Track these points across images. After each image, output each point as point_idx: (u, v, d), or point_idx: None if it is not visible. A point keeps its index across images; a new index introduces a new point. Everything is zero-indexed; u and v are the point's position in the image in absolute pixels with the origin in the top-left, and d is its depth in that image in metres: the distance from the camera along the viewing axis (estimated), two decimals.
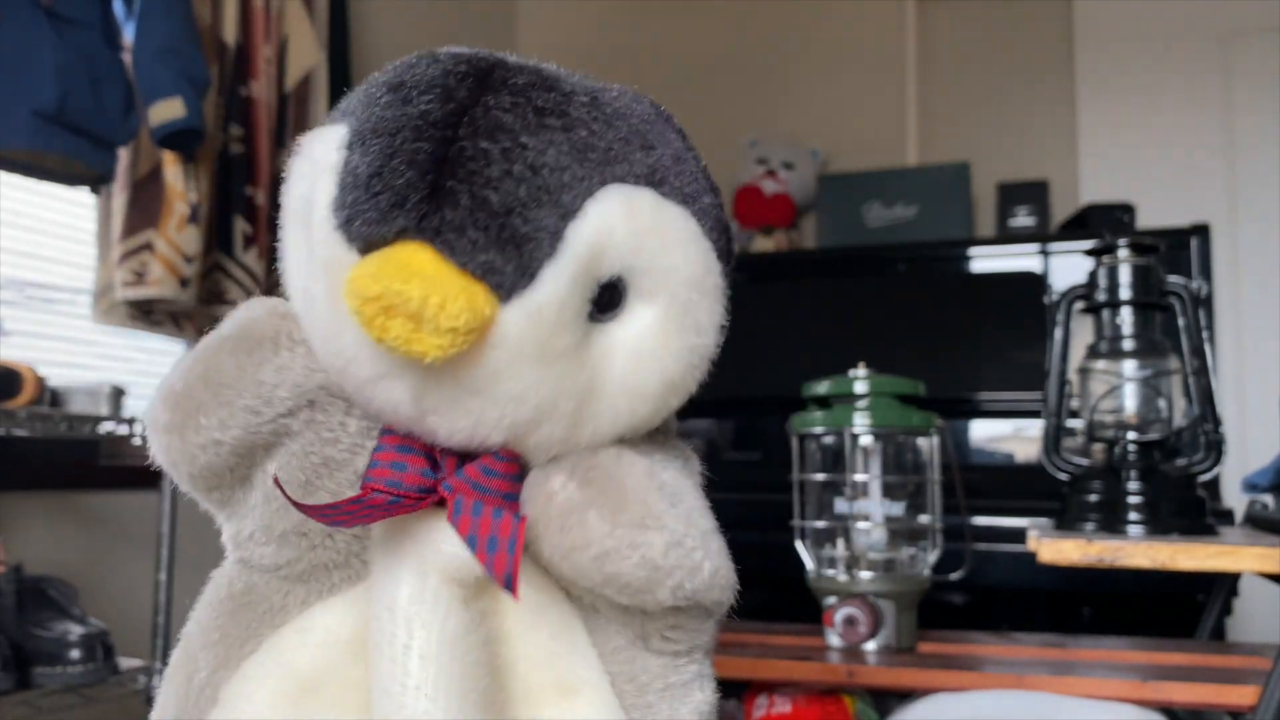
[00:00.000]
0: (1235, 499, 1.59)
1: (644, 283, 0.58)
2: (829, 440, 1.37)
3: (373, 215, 0.53)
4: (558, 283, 0.54)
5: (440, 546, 0.57)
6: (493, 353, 0.54)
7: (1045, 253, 2.11)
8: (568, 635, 0.60)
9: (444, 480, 0.58)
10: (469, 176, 0.53)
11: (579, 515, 0.56)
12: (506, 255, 0.53)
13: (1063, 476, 1.22)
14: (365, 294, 0.50)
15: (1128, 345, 1.19)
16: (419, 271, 0.51)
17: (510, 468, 0.58)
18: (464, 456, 0.59)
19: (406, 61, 0.59)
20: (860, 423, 1.32)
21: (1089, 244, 1.24)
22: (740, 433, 2.18)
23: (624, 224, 0.56)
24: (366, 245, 0.54)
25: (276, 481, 0.60)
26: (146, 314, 1.83)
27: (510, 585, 0.54)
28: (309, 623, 0.61)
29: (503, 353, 0.54)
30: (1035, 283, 2.08)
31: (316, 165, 0.58)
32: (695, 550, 0.56)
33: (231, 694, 0.60)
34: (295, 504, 0.58)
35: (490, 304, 0.52)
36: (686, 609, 0.58)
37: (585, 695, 0.59)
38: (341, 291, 0.52)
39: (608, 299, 0.57)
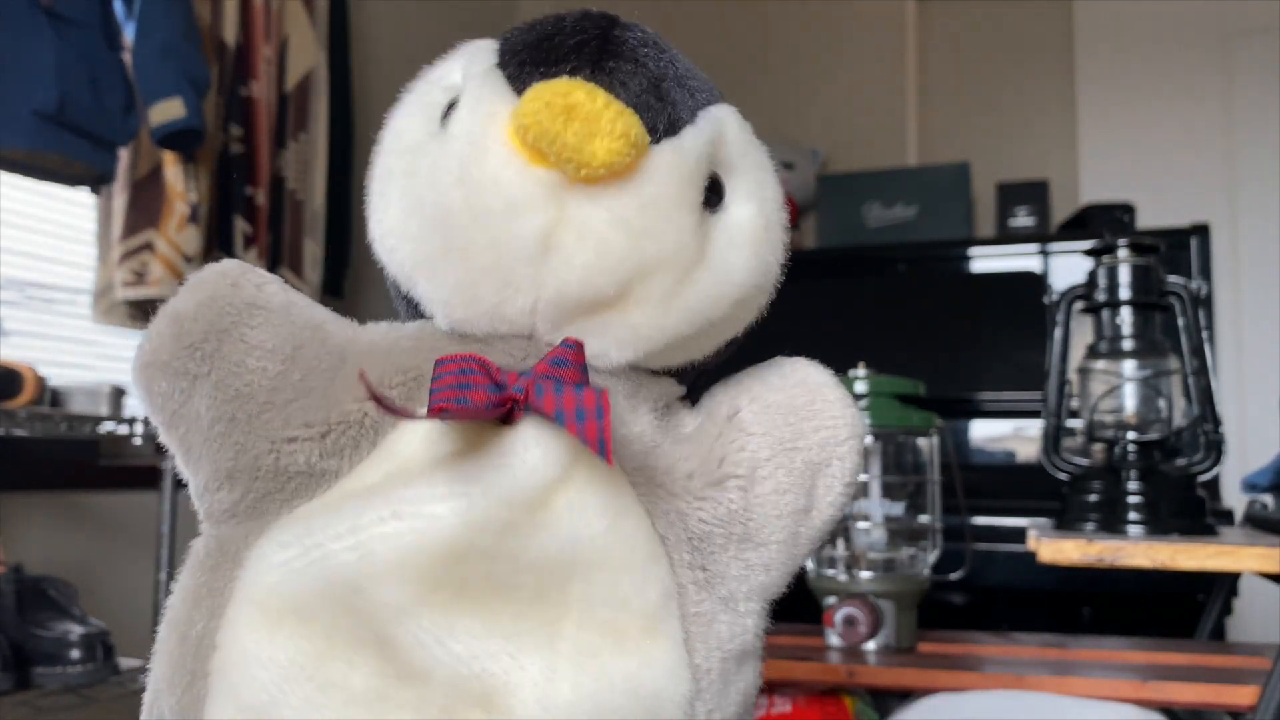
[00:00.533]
0: (1235, 499, 1.59)
1: (742, 184, 0.65)
2: None
3: (550, 59, 0.62)
4: (696, 142, 0.62)
5: (514, 459, 0.58)
6: (641, 182, 0.59)
7: (1045, 253, 2.11)
8: (664, 597, 0.61)
9: (514, 385, 0.59)
10: (630, 50, 0.64)
11: (849, 401, 0.68)
12: (661, 105, 0.62)
13: (1062, 476, 1.22)
14: (550, 95, 0.56)
15: (1127, 345, 1.19)
16: (592, 91, 0.57)
17: (579, 357, 0.60)
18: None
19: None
20: None
21: (1089, 244, 1.24)
22: None
23: (736, 128, 0.66)
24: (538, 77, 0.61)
25: (363, 375, 0.61)
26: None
27: (605, 451, 0.55)
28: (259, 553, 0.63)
29: (650, 184, 0.60)
30: (1035, 283, 2.08)
31: (468, 55, 0.66)
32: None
33: (225, 638, 0.60)
34: (385, 406, 0.58)
35: (647, 139, 0.59)
36: (831, 516, 0.66)
37: (662, 645, 0.60)
38: (511, 112, 0.59)
39: (709, 195, 0.64)
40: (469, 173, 0.60)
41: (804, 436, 0.65)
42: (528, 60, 0.63)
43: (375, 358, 0.66)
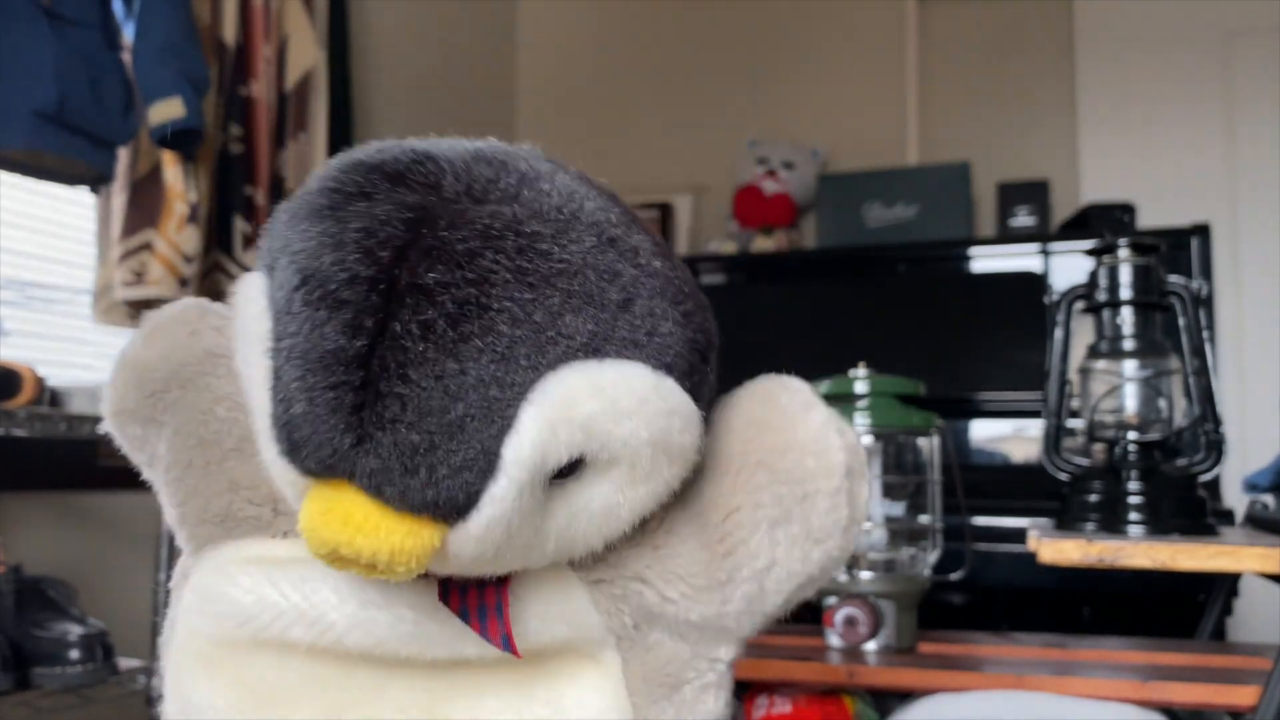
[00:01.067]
0: (1236, 499, 1.59)
1: (600, 458, 0.55)
2: None
3: (311, 460, 0.54)
4: (502, 503, 0.53)
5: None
6: (452, 561, 0.55)
7: (1045, 253, 2.11)
8: (589, 623, 0.62)
9: None
10: (389, 423, 0.52)
11: (831, 429, 0.61)
12: (442, 490, 0.52)
13: (1063, 476, 1.22)
14: (318, 541, 0.52)
15: (1128, 345, 1.18)
16: (360, 526, 0.52)
17: None
18: None
19: (329, 199, 0.57)
20: (860, 423, 1.31)
21: (1089, 244, 1.24)
22: None
23: (567, 421, 0.53)
24: (307, 474, 0.55)
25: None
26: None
27: (509, 647, 0.57)
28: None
29: (461, 560, 0.55)
30: (1035, 283, 2.08)
31: (251, 319, 0.58)
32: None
33: (169, 684, 0.64)
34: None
35: (438, 534, 0.53)
36: (822, 566, 0.61)
37: (602, 669, 0.61)
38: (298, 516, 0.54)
39: (566, 469, 0.56)
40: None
41: (760, 490, 0.60)
42: (294, 447, 0.55)
43: None
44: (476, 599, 0.58)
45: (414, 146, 0.58)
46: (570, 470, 0.55)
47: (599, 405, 0.54)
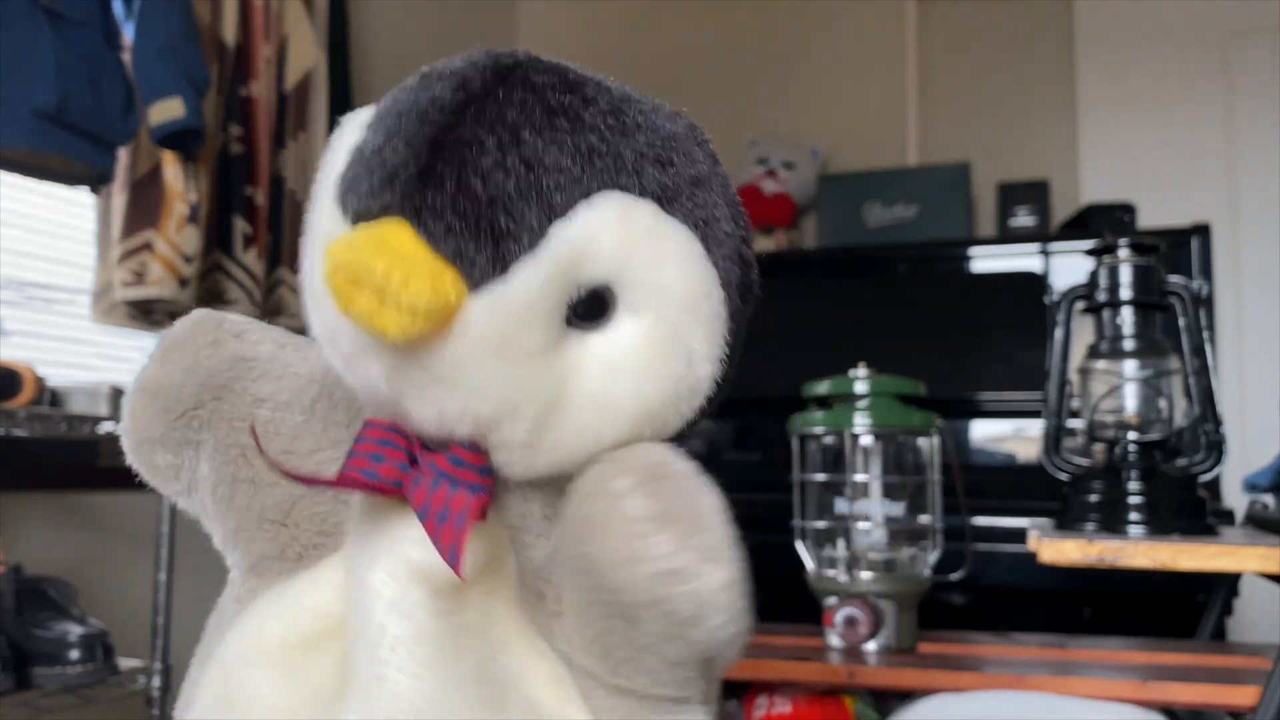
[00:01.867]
0: (1236, 499, 1.59)
1: (632, 296, 0.57)
2: (829, 440, 1.37)
3: (364, 189, 0.55)
4: (530, 280, 0.54)
5: (407, 549, 0.58)
6: (456, 341, 0.54)
7: (1045, 253, 2.11)
8: (560, 685, 0.60)
9: (426, 463, 0.59)
10: (460, 163, 0.54)
11: (648, 526, 0.53)
12: (481, 244, 0.53)
13: (1063, 477, 1.22)
14: (336, 262, 0.51)
15: (1128, 345, 1.19)
16: (392, 248, 0.51)
17: (478, 459, 0.58)
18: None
19: (450, 57, 0.61)
20: (860, 423, 1.31)
21: (1089, 244, 1.24)
22: (740, 433, 2.18)
23: (614, 232, 0.55)
24: (356, 218, 0.55)
25: (253, 431, 0.63)
26: (146, 314, 1.82)
27: (454, 559, 0.54)
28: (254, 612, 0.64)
29: (466, 343, 0.54)
30: (1035, 283, 2.08)
31: (342, 142, 0.60)
32: (741, 599, 0.55)
33: (198, 689, 0.62)
34: (283, 471, 0.60)
35: (457, 290, 0.53)
36: (697, 655, 0.56)
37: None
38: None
39: (592, 307, 0.57)
40: (320, 314, 0.58)
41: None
42: (351, 185, 0.56)
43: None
44: (443, 501, 0.55)
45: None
46: (598, 313, 0.57)
47: (650, 238, 0.57)
